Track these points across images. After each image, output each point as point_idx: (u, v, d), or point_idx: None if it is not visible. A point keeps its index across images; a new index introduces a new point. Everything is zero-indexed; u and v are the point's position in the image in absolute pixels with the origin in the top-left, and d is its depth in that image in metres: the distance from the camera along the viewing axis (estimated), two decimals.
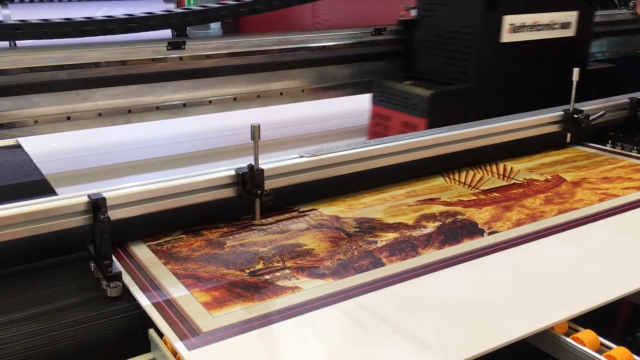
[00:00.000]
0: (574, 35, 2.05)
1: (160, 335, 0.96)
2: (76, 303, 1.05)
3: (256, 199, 1.24)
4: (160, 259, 1.18)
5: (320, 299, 1.05)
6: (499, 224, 1.34)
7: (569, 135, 1.80)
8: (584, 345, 0.96)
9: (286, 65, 2.03)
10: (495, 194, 1.51)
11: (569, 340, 0.97)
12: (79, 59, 1.62)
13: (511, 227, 1.33)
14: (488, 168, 1.69)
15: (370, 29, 2.23)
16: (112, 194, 1.15)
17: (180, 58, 1.75)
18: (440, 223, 1.34)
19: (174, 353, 0.92)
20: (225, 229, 1.32)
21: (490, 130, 1.67)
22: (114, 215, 1.14)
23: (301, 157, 1.39)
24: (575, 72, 1.65)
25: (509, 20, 1.89)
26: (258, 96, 1.99)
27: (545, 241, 1.27)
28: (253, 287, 1.08)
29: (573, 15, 2.03)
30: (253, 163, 1.22)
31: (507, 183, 1.59)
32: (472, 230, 1.31)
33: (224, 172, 1.27)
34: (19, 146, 1.94)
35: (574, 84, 1.67)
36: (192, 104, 1.82)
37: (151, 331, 0.98)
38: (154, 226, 1.26)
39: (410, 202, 1.46)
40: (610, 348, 0.96)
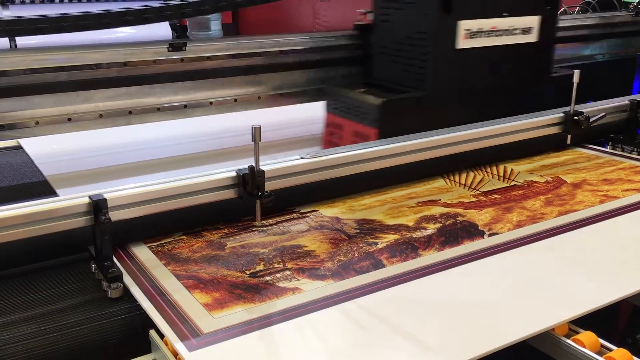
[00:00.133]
0: (536, 40, 1.94)
1: (161, 336, 0.96)
2: (77, 304, 1.05)
3: (257, 200, 1.24)
4: (161, 260, 1.18)
5: (321, 300, 1.05)
6: (500, 226, 1.34)
7: (569, 137, 1.80)
8: (584, 346, 0.96)
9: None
10: (495, 195, 1.51)
11: (569, 341, 0.97)
12: (80, 60, 1.62)
13: (511, 228, 1.33)
14: (488, 170, 1.70)
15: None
16: (113, 195, 1.16)
17: (182, 59, 1.75)
18: (441, 224, 1.34)
19: (175, 354, 0.92)
20: (226, 230, 1.32)
21: (491, 132, 1.67)
22: (115, 216, 1.14)
23: (302, 158, 1.39)
24: (576, 74, 1.65)
25: (464, 25, 1.78)
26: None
27: (545, 243, 1.27)
28: (254, 288, 1.08)
29: (534, 20, 1.92)
30: (254, 164, 1.22)
31: (507, 185, 1.59)
32: (472, 231, 1.31)
33: (225, 173, 1.28)
34: (19, 147, 1.95)
35: (574, 85, 1.67)
36: (192, 105, 1.82)
37: (152, 332, 0.99)
38: (155, 227, 1.27)
39: (410, 204, 1.46)
40: (610, 350, 0.97)
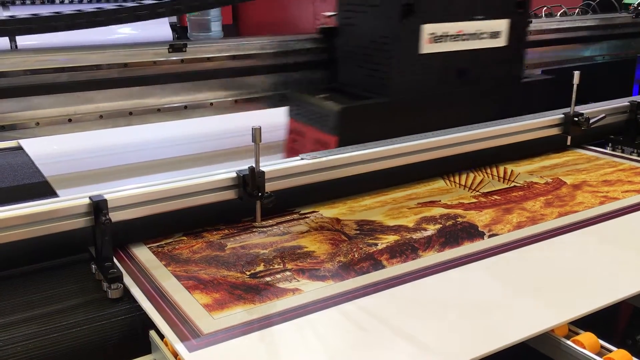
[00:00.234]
0: (505, 45, 1.86)
1: (161, 336, 0.96)
2: (77, 305, 1.05)
3: (257, 201, 1.24)
4: (161, 260, 1.18)
5: (321, 301, 1.05)
6: (499, 227, 1.34)
7: (569, 138, 1.80)
8: (584, 348, 0.96)
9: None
10: (495, 196, 1.51)
11: (569, 342, 0.97)
12: (81, 61, 1.62)
13: (511, 229, 1.33)
14: (488, 171, 1.70)
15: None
16: (114, 196, 1.16)
17: (182, 60, 1.75)
18: (441, 225, 1.34)
19: (175, 354, 0.92)
20: (226, 231, 1.32)
21: (491, 133, 1.67)
22: (115, 217, 1.15)
23: (302, 159, 1.39)
24: (576, 75, 1.65)
25: (428, 29, 1.69)
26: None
27: (545, 244, 1.27)
28: (254, 289, 1.08)
29: (503, 24, 1.83)
30: (254, 165, 1.22)
31: (507, 186, 1.59)
32: (472, 232, 1.31)
33: (225, 174, 1.28)
34: (20, 148, 1.95)
35: (574, 87, 1.67)
36: (193, 106, 1.82)
37: (152, 333, 0.99)
38: (155, 228, 1.27)
39: (410, 205, 1.46)
40: (610, 351, 0.97)
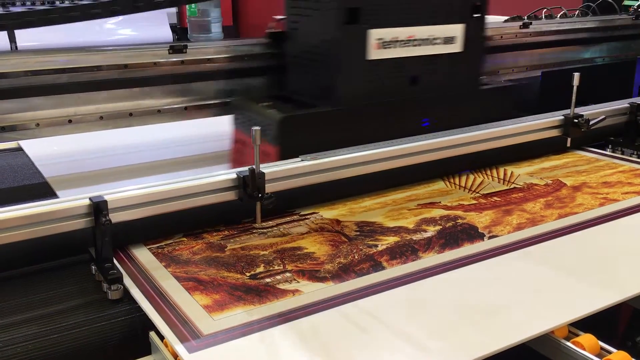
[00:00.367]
0: (461, 50, 1.76)
1: (161, 337, 0.96)
2: (77, 306, 1.05)
3: (257, 202, 1.24)
4: (161, 261, 1.19)
5: (321, 302, 1.05)
6: (499, 228, 1.34)
7: (569, 139, 1.80)
8: (584, 349, 0.96)
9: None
10: (495, 198, 1.52)
11: (569, 344, 0.97)
12: (81, 63, 1.62)
13: (511, 231, 1.33)
14: (488, 172, 1.70)
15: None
16: (114, 197, 1.16)
17: (182, 62, 1.75)
18: (441, 227, 1.34)
19: (175, 356, 0.92)
20: (226, 232, 1.32)
21: (491, 135, 1.67)
22: (115, 218, 1.15)
23: (302, 160, 1.39)
24: (576, 77, 1.65)
25: (376, 34, 1.59)
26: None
27: (545, 245, 1.27)
28: (254, 290, 1.08)
29: (458, 29, 1.73)
30: (254, 166, 1.22)
31: (507, 187, 1.59)
32: (472, 234, 1.31)
33: (225, 175, 1.28)
34: (20, 149, 1.95)
35: (574, 88, 1.67)
36: (192, 107, 1.82)
37: (152, 334, 0.99)
38: (155, 229, 1.27)
39: (410, 206, 1.46)
40: (610, 352, 0.97)
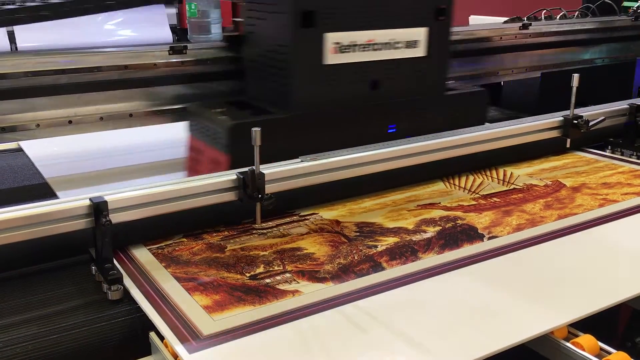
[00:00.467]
0: (424, 55, 1.69)
1: (161, 338, 0.96)
2: (77, 306, 1.05)
3: (257, 203, 1.24)
4: (161, 262, 1.19)
5: (321, 302, 1.05)
6: (499, 229, 1.34)
7: (568, 140, 1.80)
8: (583, 350, 0.96)
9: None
10: (495, 199, 1.52)
11: (568, 345, 0.98)
12: (81, 63, 1.62)
13: (511, 232, 1.33)
14: (488, 173, 1.70)
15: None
16: (114, 198, 1.16)
17: (182, 62, 1.75)
18: (440, 228, 1.35)
19: (175, 356, 0.92)
20: (226, 233, 1.32)
21: (490, 136, 1.67)
22: (116, 218, 1.15)
23: (302, 161, 1.39)
24: (575, 78, 1.65)
25: (332, 38, 1.52)
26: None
27: (545, 246, 1.27)
28: (254, 290, 1.09)
29: (421, 33, 1.66)
30: (254, 167, 1.23)
31: (507, 188, 1.59)
32: (472, 235, 1.31)
33: (225, 175, 1.28)
34: (20, 150, 1.95)
35: (574, 89, 1.67)
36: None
37: (152, 334, 0.99)
38: (155, 229, 1.27)
39: (410, 207, 1.46)
40: (609, 353, 0.97)
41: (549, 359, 1.00)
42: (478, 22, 3.48)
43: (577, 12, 3.05)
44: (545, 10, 2.89)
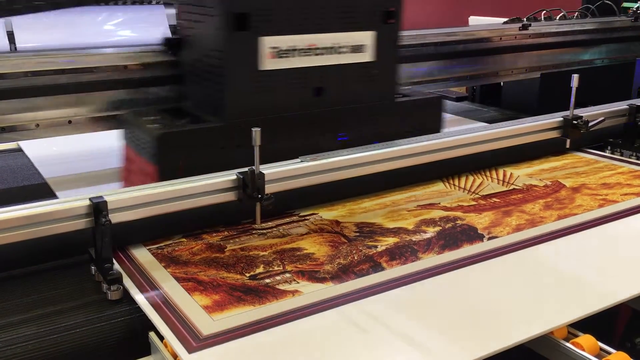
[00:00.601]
0: (372, 60, 1.59)
1: (161, 338, 0.96)
2: (77, 306, 1.05)
3: (257, 203, 1.25)
4: (161, 262, 1.19)
5: (320, 302, 1.05)
6: (499, 229, 1.34)
7: (568, 141, 1.80)
8: (583, 350, 0.97)
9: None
10: (494, 199, 1.52)
11: (568, 345, 0.98)
12: (81, 63, 1.62)
13: (511, 232, 1.33)
14: (488, 173, 1.70)
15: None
16: (114, 198, 1.16)
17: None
18: (440, 228, 1.35)
19: (175, 356, 0.92)
20: (226, 233, 1.32)
21: (490, 136, 1.67)
22: (115, 218, 1.15)
23: (302, 161, 1.39)
24: (575, 78, 1.66)
25: (269, 42, 1.43)
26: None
27: (544, 246, 1.27)
28: (253, 290, 1.09)
29: (368, 37, 1.56)
30: (254, 167, 1.23)
31: (506, 188, 1.59)
32: (471, 235, 1.31)
33: (225, 176, 1.28)
34: (19, 150, 1.95)
35: (573, 90, 1.67)
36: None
37: (151, 334, 0.99)
38: (155, 230, 1.27)
39: (410, 207, 1.46)
40: (609, 353, 0.97)
41: (548, 359, 1.00)
42: (478, 23, 3.48)
43: (577, 12, 3.05)
44: (545, 11, 2.89)
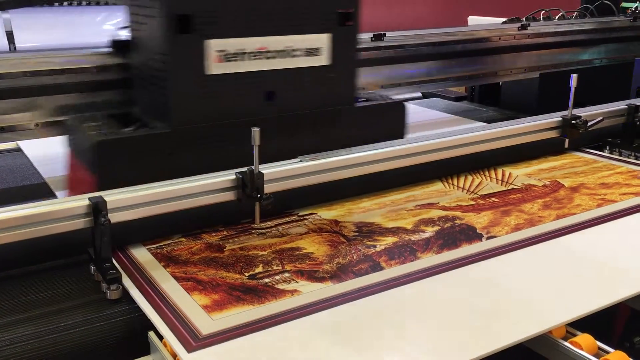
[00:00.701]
0: (328, 64, 1.52)
1: (160, 337, 0.96)
2: (76, 305, 1.05)
3: (256, 203, 1.25)
4: (160, 262, 1.19)
5: (320, 302, 1.05)
6: (498, 229, 1.34)
7: (567, 141, 1.81)
8: (581, 349, 0.97)
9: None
10: (493, 199, 1.52)
11: (566, 344, 0.98)
12: (80, 63, 1.62)
13: (509, 231, 1.33)
14: (486, 173, 1.70)
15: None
16: (113, 197, 1.16)
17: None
18: (439, 227, 1.35)
19: (174, 355, 0.92)
20: (225, 233, 1.32)
21: (489, 136, 1.67)
22: (114, 218, 1.15)
23: (301, 161, 1.39)
24: (574, 78, 1.66)
25: (215, 45, 1.36)
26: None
27: (543, 246, 1.28)
28: (252, 290, 1.09)
29: (323, 39, 1.50)
30: (253, 167, 1.23)
31: (505, 188, 1.60)
32: (470, 234, 1.32)
33: (224, 175, 1.28)
34: (19, 150, 1.95)
35: (572, 89, 1.68)
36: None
37: (151, 334, 0.99)
38: (154, 229, 1.27)
39: (409, 207, 1.47)
40: (607, 352, 0.97)
41: (547, 358, 1.00)
42: (477, 23, 3.48)
43: (576, 12, 3.05)
44: (543, 11, 2.89)
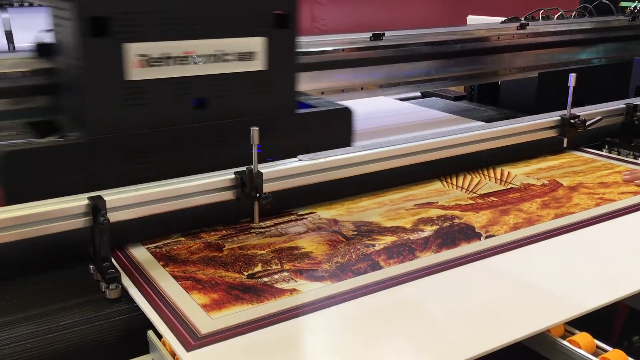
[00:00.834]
0: (264, 69, 1.43)
1: (159, 336, 0.97)
2: (75, 305, 1.05)
3: (255, 202, 1.25)
4: (159, 261, 1.19)
5: (319, 301, 1.05)
6: (496, 228, 1.35)
7: (565, 140, 1.81)
8: (580, 347, 0.97)
9: None
10: (492, 198, 1.52)
11: (565, 342, 0.98)
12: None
13: (508, 231, 1.33)
14: (485, 172, 1.70)
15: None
16: (112, 197, 1.16)
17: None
18: (438, 227, 1.35)
19: (173, 354, 0.93)
20: (224, 232, 1.32)
21: (488, 135, 1.68)
22: (113, 217, 1.15)
23: (300, 160, 1.40)
24: (572, 77, 1.66)
25: (135, 49, 1.27)
26: None
27: (542, 245, 1.28)
28: (251, 289, 1.09)
29: (258, 43, 1.41)
30: (252, 166, 1.23)
31: (504, 187, 1.60)
32: (469, 234, 1.32)
33: (223, 175, 1.28)
34: None
35: (571, 89, 1.68)
36: None
37: (150, 333, 0.99)
38: (153, 228, 1.27)
39: (408, 206, 1.47)
40: (606, 351, 0.97)
41: (545, 356, 1.01)
42: (476, 22, 3.48)
43: (575, 12, 3.06)
44: (542, 10, 2.90)
